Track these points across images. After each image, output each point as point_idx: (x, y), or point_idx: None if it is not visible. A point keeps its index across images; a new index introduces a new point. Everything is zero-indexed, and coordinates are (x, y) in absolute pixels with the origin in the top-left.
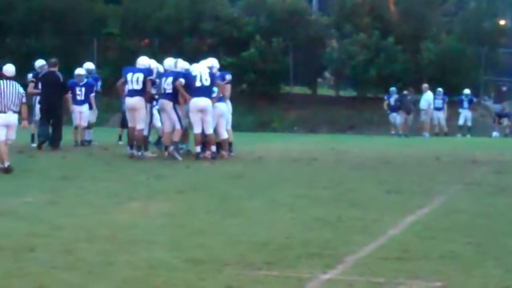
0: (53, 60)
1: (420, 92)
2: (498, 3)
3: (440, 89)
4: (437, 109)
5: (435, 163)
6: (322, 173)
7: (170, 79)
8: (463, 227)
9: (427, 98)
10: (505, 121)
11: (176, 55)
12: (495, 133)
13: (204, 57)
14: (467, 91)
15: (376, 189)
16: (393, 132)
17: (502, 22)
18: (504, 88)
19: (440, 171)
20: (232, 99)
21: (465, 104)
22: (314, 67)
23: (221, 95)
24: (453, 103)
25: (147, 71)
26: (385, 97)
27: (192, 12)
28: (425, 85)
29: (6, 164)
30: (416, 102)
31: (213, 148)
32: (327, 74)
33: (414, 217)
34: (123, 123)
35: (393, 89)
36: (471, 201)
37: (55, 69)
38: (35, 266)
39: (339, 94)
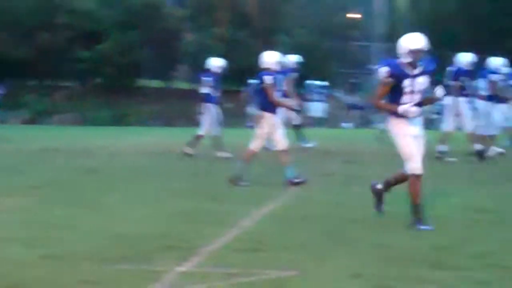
0: None
1: None
2: None
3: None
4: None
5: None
6: (178, 166)
7: None
8: (317, 217)
9: None
10: (357, 113)
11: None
12: (346, 124)
13: (60, 51)
14: (321, 83)
15: None
16: (249, 123)
17: (353, 16)
18: (356, 81)
19: (295, 162)
20: (87, 93)
21: (319, 97)
22: (170, 60)
23: None
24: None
25: None
26: (244, 89)
27: (47, 6)
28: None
29: None
30: None
31: None
32: (182, 67)
33: (268, 208)
34: None
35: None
36: (324, 191)
37: None
38: None
39: (195, 87)
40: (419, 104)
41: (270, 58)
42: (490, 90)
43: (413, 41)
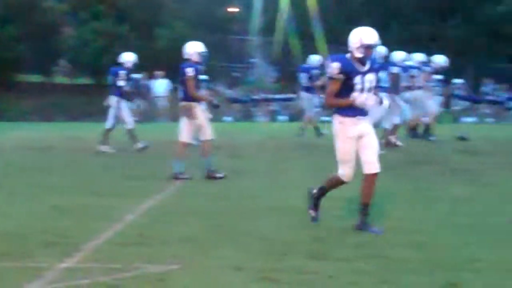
0: None
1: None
2: None
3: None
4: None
5: (171, 148)
6: (60, 161)
7: None
8: (200, 211)
9: (162, 84)
10: (237, 106)
11: None
12: (227, 118)
13: None
14: (201, 77)
15: (114, 175)
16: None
17: (232, 10)
18: (236, 74)
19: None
20: None
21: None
22: (50, 54)
23: None
24: None
25: None
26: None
27: None
28: (160, 72)
29: None
30: (150, 88)
31: None
32: (62, 62)
33: (152, 202)
34: None
35: (161, 71)
36: (207, 184)
37: None
38: None
39: (76, 82)
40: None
41: (191, 49)
42: (390, 82)
43: (367, 36)
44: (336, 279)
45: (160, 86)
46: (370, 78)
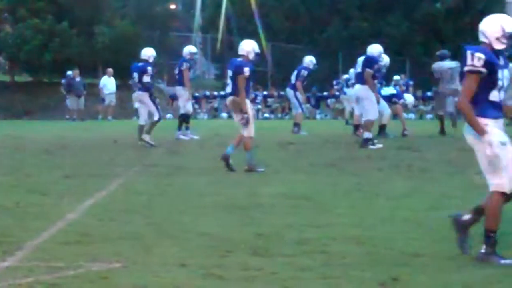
0: None
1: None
2: None
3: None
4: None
5: (112, 146)
6: (1, 160)
7: None
8: (142, 208)
9: (112, 81)
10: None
11: None
12: (168, 115)
13: None
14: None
15: (54, 174)
16: (67, 116)
17: (172, 7)
18: (177, 71)
19: (118, 154)
20: None
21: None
22: None
23: None
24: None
25: None
26: (62, 81)
27: None
28: (110, 69)
29: None
30: (87, 85)
31: None
32: (1, 59)
33: (93, 201)
34: None
35: (110, 69)
36: (149, 182)
37: None
38: None
39: (15, 80)
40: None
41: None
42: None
43: (508, 23)
44: (279, 275)
45: (111, 83)
46: (506, 74)
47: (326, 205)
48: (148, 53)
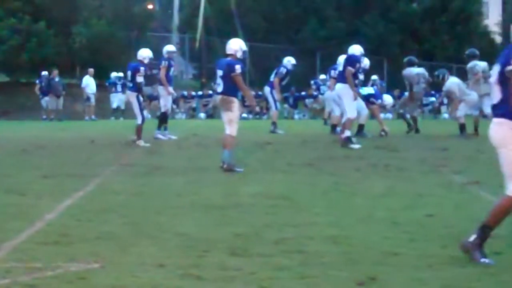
0: None
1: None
2: None
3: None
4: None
5: (90, 146)
6: None
7: None
8: (120, 208)
9: (93, 82)
10: (156, 103)
11: None
12: (146, 115)
13: None
14: (117, 74)
15: (32, 174)
16: (44, 116)
17: (150, 7)
18: (154, 71)
19: (95, 154)
20: None
21: (119, 88)
22: None
23: None
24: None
25: None
26: (37, 81)
27: None
28: (91, 70)
29: None
30: (65, 85)
31: None
32: None
33: (70, 201)
34: None
35: (91, 69)
36: (126, 181)
37: None
38: None
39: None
40: None
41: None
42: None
43: None
44: (257, 275)
45: (92, 83)
46: None
47: (304, 204)
48: (144, 54)
